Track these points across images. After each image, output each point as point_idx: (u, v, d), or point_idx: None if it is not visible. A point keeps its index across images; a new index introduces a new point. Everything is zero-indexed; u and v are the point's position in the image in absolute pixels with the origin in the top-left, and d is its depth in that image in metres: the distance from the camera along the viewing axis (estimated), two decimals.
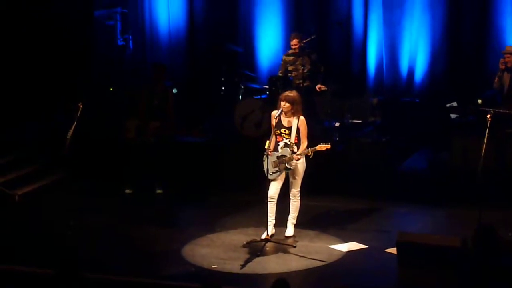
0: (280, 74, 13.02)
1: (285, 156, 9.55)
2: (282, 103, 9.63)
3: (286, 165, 9.55)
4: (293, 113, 9.64)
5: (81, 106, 10.60)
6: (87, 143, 12.36)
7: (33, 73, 13.45)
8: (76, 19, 13.90)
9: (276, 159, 9.55)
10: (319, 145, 9.49)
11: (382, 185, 11.65)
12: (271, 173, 9.58)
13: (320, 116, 12.99)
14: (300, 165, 9.66)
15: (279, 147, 9.62)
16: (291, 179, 9.76)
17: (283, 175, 9.69)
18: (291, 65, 12.92)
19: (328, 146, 9.48)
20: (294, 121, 9.62)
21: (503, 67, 11.70)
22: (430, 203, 11.16)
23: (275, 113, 9.68)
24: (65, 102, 11.82)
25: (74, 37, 13.78)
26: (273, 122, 9.68)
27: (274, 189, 9.66)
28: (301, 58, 12.88)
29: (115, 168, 12.23)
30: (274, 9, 14.66)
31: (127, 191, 12.01)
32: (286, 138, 9.62)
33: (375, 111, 13.45)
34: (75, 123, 10.47)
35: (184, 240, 9.90)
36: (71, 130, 10.43)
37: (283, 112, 9.64)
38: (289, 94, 9.71)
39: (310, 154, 9.51)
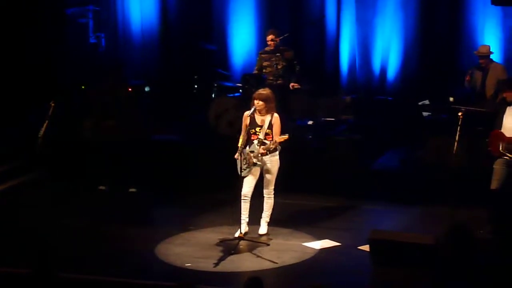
0: (256, 71, 13.00)
1: (253, 151, 9.55)
2: (256, 102, 9.62)
3: (254, 160, 9.53)
4: (267, 111, 9.63)
5: (53, 104, 10.55)
6: (60, 142, 12.28)
7: (4, 72, 13.32)
8: (48, 17, 13.80)
9: (246, 156, 9.55)
10: (278, 137, 9.47)
11: (355, 183, 11.67)
12: (243, 170, 9.57)
13: (293, 114, 12.99)
14: (274, 163, 9.66)
15: (254, 146, 9.61)
16: (265, 177, 9.76)
17: (257, 173, 9.68)
18: (266, 61, 12.91)
19: (286, 136, 9.42)
20: (267, 119, 9.61)
21: (468, 78, 11.88)
22: (403, 201, 11.19)
23: (248, 113, 9.67)
24: (38, 100, 11.75)
25: (45, 35, 13.67)
26: (247, 121, 9.66)
27: (247, 187, 9.65)
28: (275, 55, 12.87)
29: (89, 166, 12.17)
30: (248, 7, 14.66)
31: (101, 187, 11.98)
32: None
33: (348, 109, 13.48)
34: (46, 121, 10.41)
35: (158, 239, 9.86)
36: (43, 129, 10.37)
37: (256, 111, 9.64)
38: (262, 92, 9.71)
39: (271, 146, 9.49)
